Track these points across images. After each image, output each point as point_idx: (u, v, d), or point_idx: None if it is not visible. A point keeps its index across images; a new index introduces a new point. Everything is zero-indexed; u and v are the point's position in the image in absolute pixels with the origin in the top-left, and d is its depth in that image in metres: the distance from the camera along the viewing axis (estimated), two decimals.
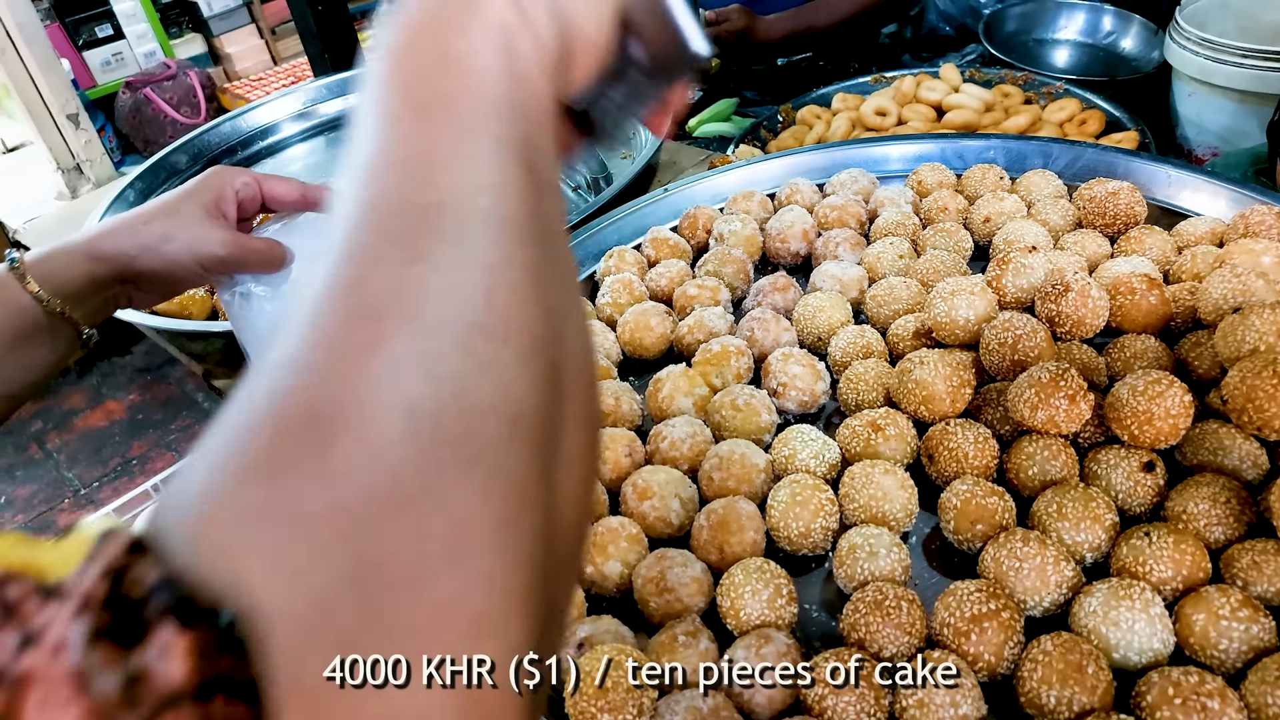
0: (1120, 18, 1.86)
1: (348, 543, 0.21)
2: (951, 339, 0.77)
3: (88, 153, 3.14)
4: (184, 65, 3.29)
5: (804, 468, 0.72)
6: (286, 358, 0.24)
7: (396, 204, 0.28)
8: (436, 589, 0.22)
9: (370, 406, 0.23)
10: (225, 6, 3.43)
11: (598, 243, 1.03)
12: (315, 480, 0.22)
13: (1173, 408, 0.63)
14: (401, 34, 0.32)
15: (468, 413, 0.24)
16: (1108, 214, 0.86)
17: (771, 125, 1.75)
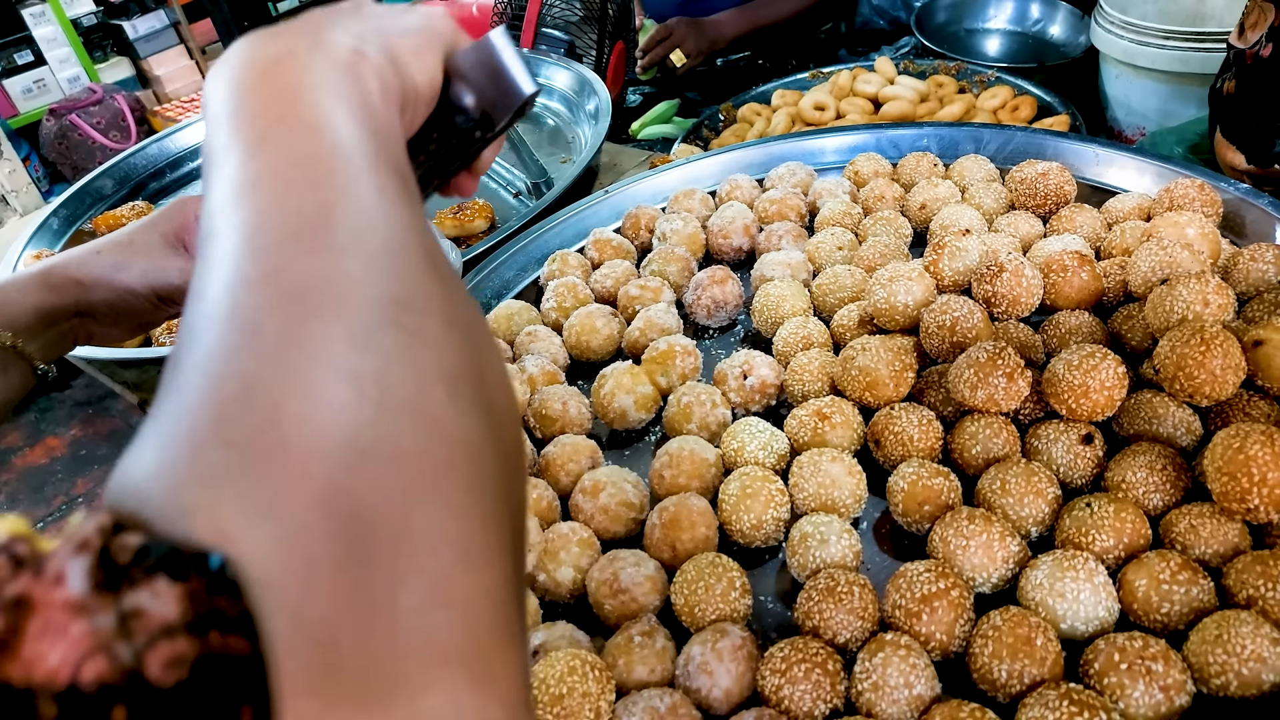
0: (1047, 5, 1.90)
1: (320, 502, 0.22)
2: (893, 324, 0.77)
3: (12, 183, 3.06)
4: (110, 89, 3.22)
5: (753, 460, 0.72)
6: (213, 348, 0.25)
7: (288, 207, 0.28)
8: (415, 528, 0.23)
9: (314, 381, 0.24)
10: (151, 28, 3.36)
11: (540, 247, 1.02)
12: (277, 451, 0.23)
13: (1107, 380, 0.64)
14: (250, 70, 0.33)
15: (409, 378, 0.26)
16: (1039, 194, 0.87)
17: (713, 124, 1.76)
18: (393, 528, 0.23)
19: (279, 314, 0.25)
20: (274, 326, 0.25)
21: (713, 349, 0.91)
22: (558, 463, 0.75)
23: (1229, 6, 1.59)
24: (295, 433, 0.23)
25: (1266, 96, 0.94)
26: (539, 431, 0.81)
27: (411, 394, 0.26)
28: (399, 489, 0.24)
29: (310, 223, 0.28)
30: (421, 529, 0.24)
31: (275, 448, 0.23)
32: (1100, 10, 1.55)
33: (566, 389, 0.82)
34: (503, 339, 0.91)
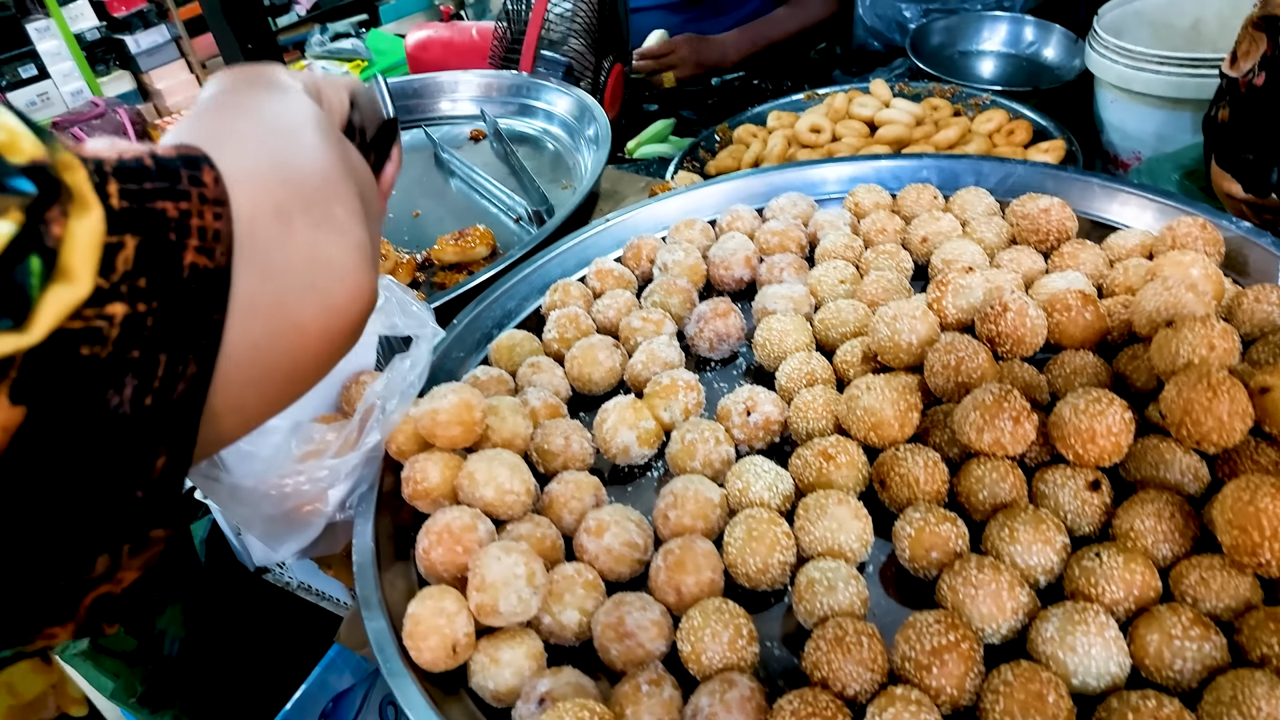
0: (1041, 28, 1.91)
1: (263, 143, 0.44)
2: (897, 362, 0.77)
3: None
4: (113, 103, 3.20)
5: (758, 500, 0.71)
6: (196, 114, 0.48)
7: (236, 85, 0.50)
8: (305, 142, 0.46)
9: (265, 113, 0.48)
10: (153, 43, 3.36)
11: (542, 276, 1.02)
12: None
13: (1114, 425, 0.64)
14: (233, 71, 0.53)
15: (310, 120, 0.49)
16: (1040, 230, 0.87)
17: (709, 145, 1.76)
18: (301, 143, 0.46)
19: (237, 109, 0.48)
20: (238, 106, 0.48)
21: (715, 382, 0.90)
22: (561, 500, 0.75)
23: (1224, 32, 1.60)
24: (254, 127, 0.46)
25: (1261, 125, 0.94)
26: (541, 466, 0.80)
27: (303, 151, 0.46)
28: (307, 137, 0.46)
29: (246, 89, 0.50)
30: (310, 146, 0.46)
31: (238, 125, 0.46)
32: (1094, 35, 1.56)
33: (569, 423, 0.82)
34: (505, 369, 0.90)
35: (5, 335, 0.25)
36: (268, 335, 0.37)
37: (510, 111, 1.53)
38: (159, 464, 0.32)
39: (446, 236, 1.17)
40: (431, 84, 1.57)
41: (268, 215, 0.38)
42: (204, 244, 0.33)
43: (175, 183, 0.33)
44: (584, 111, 1.37)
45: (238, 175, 0.37)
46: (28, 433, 0.27)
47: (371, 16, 3.93)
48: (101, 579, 0.31)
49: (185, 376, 0.32)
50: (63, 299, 0.27)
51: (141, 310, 0.30)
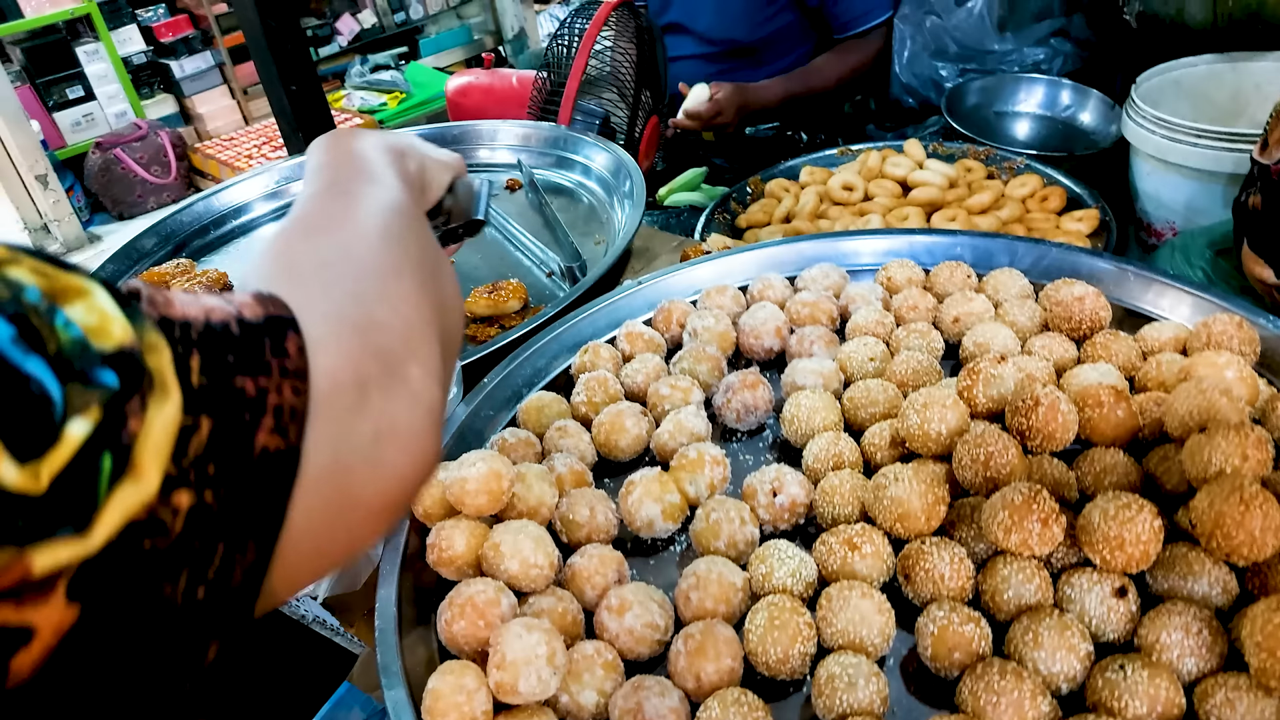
0: (1078, 93, 1.92)
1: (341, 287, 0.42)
2: (925, 450, 0.77)
3: (55, 213, 3.12)
4: (155, 125, 3.28)
5: (781, 587, 0.71)
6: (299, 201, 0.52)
7: (341, 175, 0.53)
8: (392, 284, 0.45)
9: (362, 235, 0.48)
10: (197, 68, 3.44)
11: (572, 335, 1.03)
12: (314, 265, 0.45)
13: (1143, 533, 0.64)
14: (333, 140, 0.58)
15: (394, 235, 0.49)
16: (1073, 318, 0.87)
17: (741, 197, 1.77)
18: (386, 284, 0.44)
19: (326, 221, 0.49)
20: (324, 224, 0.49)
21: (741, 453, 0.91)
22: (584, 575, 0.75)
23: (1264, 105, 1.60)
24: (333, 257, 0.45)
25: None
26: (565, 536, 0.81)
27: (395, 238, 0.48)
28: (388, 271, 0.45)
29: (350, 177, 0.53)
30: (398, 289, 0.45)
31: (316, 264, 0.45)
32: (1132, 103, 1.56)
33: (594, 494, 0.82)
34: (533, 431, 0.91)
35: (66, 543, 0.24)
36: (328, 512, 0.35)
37: (547, 163, 1.55)
38: (210, 654, 0.30)
39: (480, 289, 1.19)
40: (471, 131, 1.60)
41: (346, 386, 0.36)
42: (279, 423, 0.32)
43: (258, 354, 0.32)
44: (620, 168, 1.38)
45: (323, 339, 0.36)
46: (79, 633, 0.25)
47: (412, 50, 4.00)
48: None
49: (244, 564, 0.30)
50: (129, 500, 0.26)
51: (209, 499, 0.28)
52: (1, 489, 0.22)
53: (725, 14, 2.12)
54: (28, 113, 3.00)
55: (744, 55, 2.17)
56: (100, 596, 0.25)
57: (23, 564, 0.23)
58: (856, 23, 2.05)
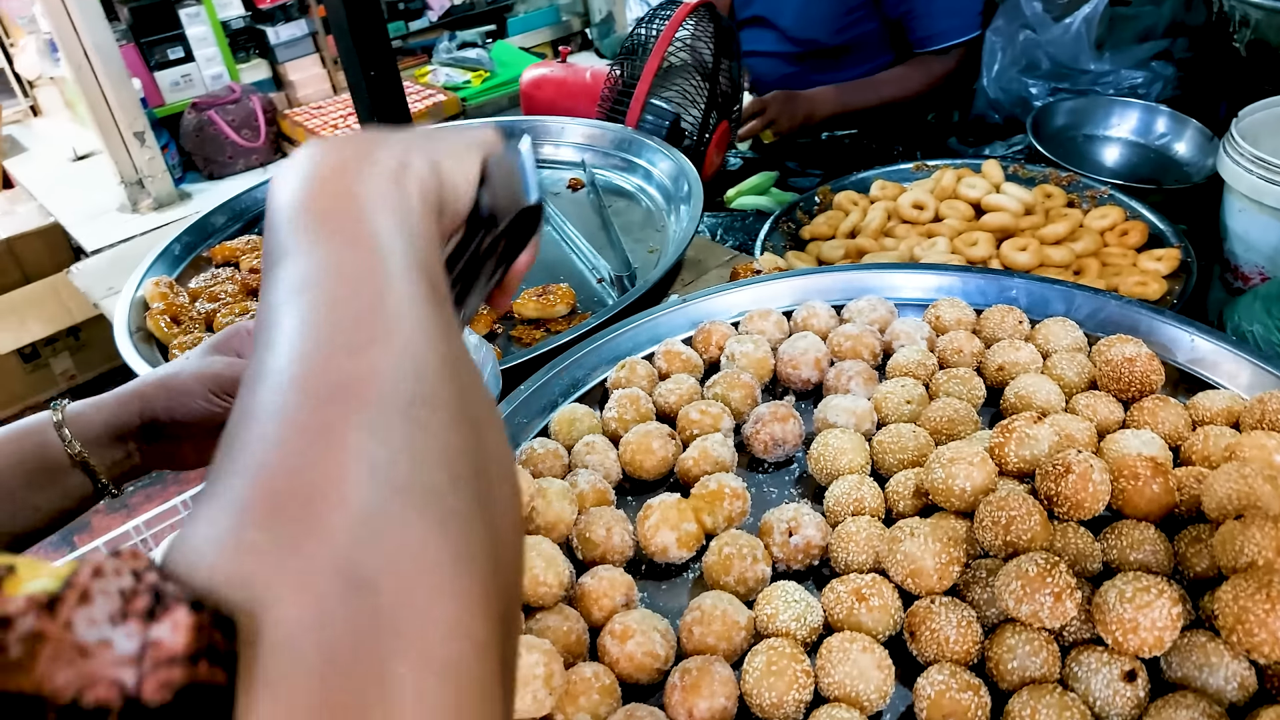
0: (1175, 121, 1.83)
1: (338, 570, 0.26)
2: (948, 505, 0.76)
3: (150, 168, 3.24)
4: (248, 89, 3.38)
5: (784, 630, 0.71)
6: (260, 435, 0.30)
7: (333, 313, 0.34)
8: (413, 604, 0.27)
9: (342, 471, 0.29)
10: (292, 35, 3.53)
11: (612, 349, 1.03)
12: (308, 529, 0.27)
13: (1159, 619, 0.61)
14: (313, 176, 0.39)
15: (417, 467, 0.30)
16: (1122, 380, 0.84)
17: (808, 207, 1.75)
18: (396, 599, 0.27)
19: (315, 412, 0.31)
20: (310, 422, 0.30)
21: (766, 484, 0.90)
22: (592, 596, 0.76)
23: None
24: (320, 515, 0.28)
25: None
26: (580, 554, 0.81)
27: (417, 482, 0.30)
28: (405, 564, 0.28)
29: (348, 327, 0.34)
30: (423, 610, 0.27)
31: (310, 523, 0.28)
32: (1230, 138, 1.48)
33: (612, 514, 0.83)
34: (563, 444, 0.92)
35: None
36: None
37: (610, 165, 1.55)
38: None
39: (529, 291, 1.20)
40: (539, 126, 1.61)
41: None
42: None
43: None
44: (681, 176, 1.38)
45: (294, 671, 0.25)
46: None
47: (500, 28, 4.03)
48: None
49: None
50: None
51: None
52: None
53: (809, 14, 2.09)
54: (130, 70, 3.12)
55: (824, 57, 2.13)
56: None
57: None
58: (932, 40, 2.00)
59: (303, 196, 0.38)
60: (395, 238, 0.38)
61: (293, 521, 0.27)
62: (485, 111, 3.51)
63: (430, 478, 0.30)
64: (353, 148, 0.41)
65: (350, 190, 0.39)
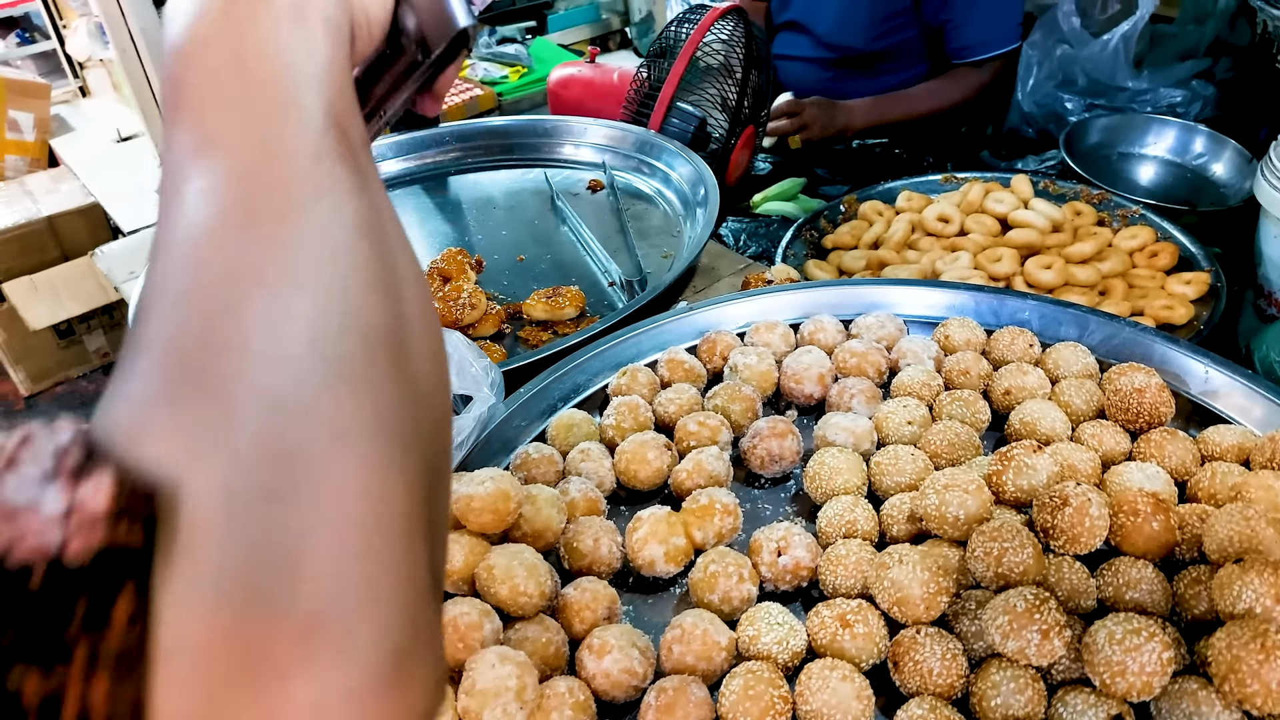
0: (1213, 141, 1.79)
1: (252, 441, 0.27)
2: (941, 533, 0.74)
3: None
4: None
5: (765, 653, 0.70)
6: (170, 312, 0.29)
7: (236, 181, 0.32)
8: (327, 472, 0.27)
9: (248, 344, 0.28)
10: None
11: (615, 355, 1.02)
12: (218, 403, 0.27)
13: (1149, 664, 0.59)
14: (203, 24, 0.34)
15: (327, 336, 0.29)
16: (1130, 410, 0.82)
17: (832, 215, 1.73)
18: (310, 468, 0.27)
19: (219, 285, 0.29)
20: (215, 295, 0.29)
21: (761, 500, 0.89)
22: (574, 608, 0.75)
23: None
24: (230, 389, 0.27)
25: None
26: (567, 563, 0.81)
27: (328, 350, 0.29)
28: (318, 433, 0.28)
29: (252, 197, 0.32)
30: (339, 478, 0.27)
31: (222, 393, 0.27)
32: (1269, 162, 1.44)
33: (601, 525, 0.82)
34: (559, 449, 0.92)
35: None
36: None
37: (630, 167, 1.54)
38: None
39: (540, 292, 1.19)
40: (562, 126, 1.61)
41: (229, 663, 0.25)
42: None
43: (59, 628, 0.23)
44: (699, 182, 1.37)
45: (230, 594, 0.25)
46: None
47: (540, 24, 4.03)
48: None
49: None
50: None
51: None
52: None
53: (847, 19, 2.07)
54: None
55: (859, 64, 2.11)
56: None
57: None
58: (971, 51, 1.96)
59: (197, 46, 0.34)
60: (301, 89, 0.34)
61: (204, 395, 0.27)
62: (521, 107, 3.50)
63: (341, 347, 0.30)
64: None
65: (246, 37, 0.34)
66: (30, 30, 3.56)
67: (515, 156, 1.64)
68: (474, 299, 1.16)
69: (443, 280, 1.25)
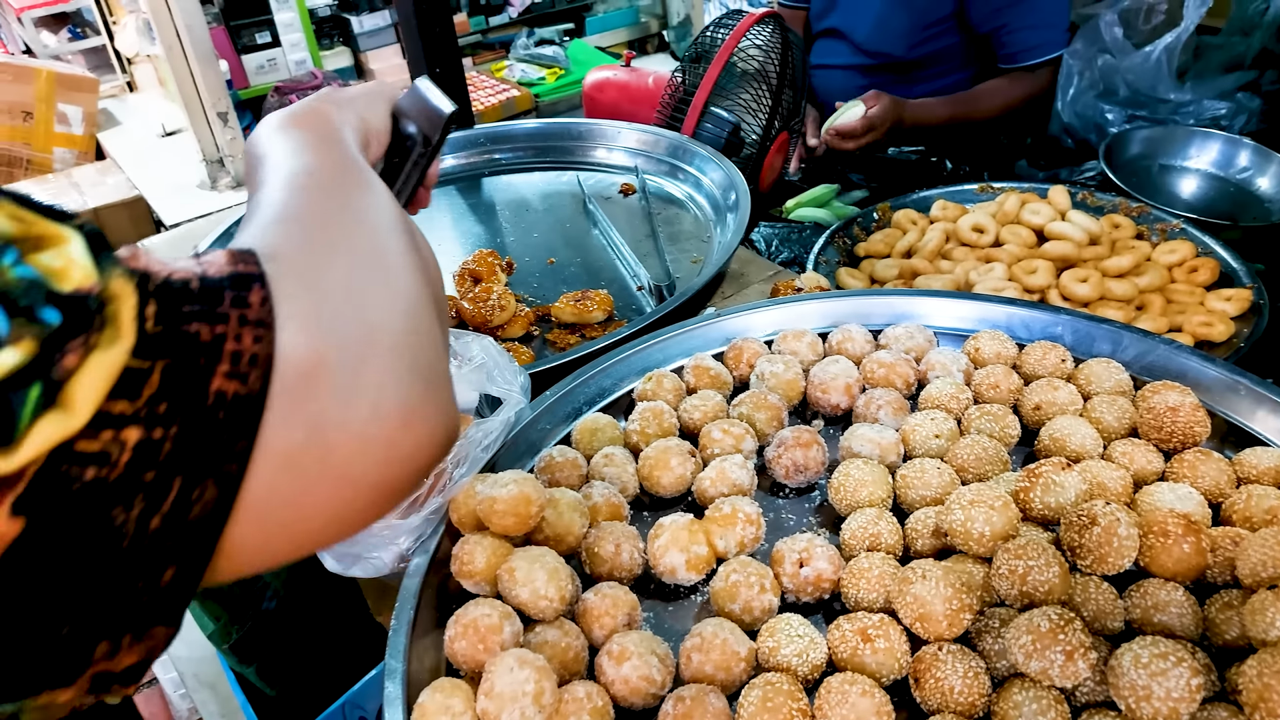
0: (1259, 155, 1.75)
1: (351, 248, 0.45)
2: (966, 549, 0.73)
3: (231, 148, 3.33)
4: (329, 76, 3.46)
5: (785, 665, 0.69)
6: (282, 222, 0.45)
7: (317, 169, 0.50)
8: (394, 270, 0.46)
9: (334, 247, 0.44)
10: (375, 25, 3.60)
11: (642, 360, 1.02)
12: (332, 231, 0.46)
13: (1176, 690, 0.58)
14: (292, 112, 0.56)
15: (383, 249, 0.46)
16: (1164, 429, 0.80)
17: (866, 223, 1.71)
18: (386, 269, 0.45)
19: (317, 207, 0.47)
20: (315, 213, 0.46)
21: (785, 509, 0.88)
22: (594, 613, 0.75)
23: None
24: (324, 271, 0.41)
25: None
26: (588, 568, 0.81)
27: (399, 229, 0.49)
28: (394, 255, 0.46)
29: (331, 175, 0.51)
30: (398, 274, 0.46)
31: (334, 229, 0.46)
32: None
33: (623, 530, 0.82)
34: (583, 453, 0.92)
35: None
36: (303, 474, 0.36)
37: (662, 171, 1.54)
38: (167, 577, 0.33)
39: (569, 295, 1.20)
40: (596, 130, 1.61)
41: (329, 362, 0.37)
42: (235, 369, 0.34)
43: (215, 305, 0.34)
44: (731, 188, 1.36)
45: (315, 314, 0.38)
46: (27, 541, 0.29)
47: (578, 27, 4.05)
48: (100, 660, 0.33)
49: (202, 500, 0.33)
50: (52, 429, 0.29)
51: (158, 435, 0.31)
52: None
53: (886, 27, 2.05)
54: (218, 52, 3.22)
55: (898, 71, 2.09)
56: (42, 514, 0.29)
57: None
58: (1026, 55, 1.94)
59: (285, 118, 0.55)
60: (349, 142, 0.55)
61: (319, 231, 0.44)
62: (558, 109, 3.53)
63: (397, 226, 0.49)
64: (305, 104, 0.57)
65: (317, 113, 0.56)
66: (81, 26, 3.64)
67: (549, 159, 1.65)
68: (503, 300, 1.17)
69: (474, 281, 1.26)
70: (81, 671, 0.33)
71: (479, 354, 0.91)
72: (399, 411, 0.40)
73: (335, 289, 0.41)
